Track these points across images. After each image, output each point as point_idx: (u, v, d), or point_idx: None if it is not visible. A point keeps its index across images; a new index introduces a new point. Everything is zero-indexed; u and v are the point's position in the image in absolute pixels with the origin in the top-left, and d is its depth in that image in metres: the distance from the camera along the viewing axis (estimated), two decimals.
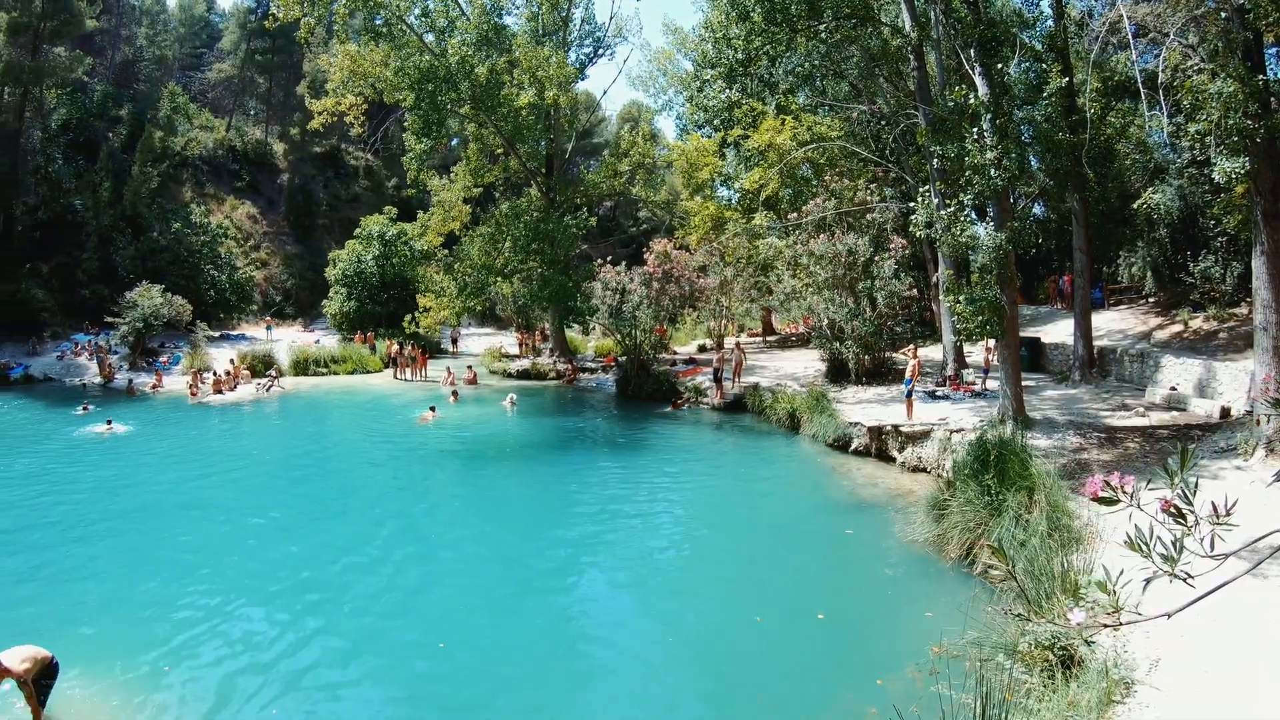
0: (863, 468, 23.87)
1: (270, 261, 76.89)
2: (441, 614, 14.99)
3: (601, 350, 50.83)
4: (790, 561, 17.03)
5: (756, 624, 13.89)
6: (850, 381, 32.59)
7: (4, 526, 20.81)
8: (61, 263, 58.53)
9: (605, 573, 17.04)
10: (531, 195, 49.07)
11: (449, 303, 46.44)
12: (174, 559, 17.95)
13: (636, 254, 50.33)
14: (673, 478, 24.52)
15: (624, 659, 13.18)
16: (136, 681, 12.43)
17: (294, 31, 49.94)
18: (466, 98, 42.12)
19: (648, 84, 54.16)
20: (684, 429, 31.53)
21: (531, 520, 20.93)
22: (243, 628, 14.34)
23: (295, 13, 41.80)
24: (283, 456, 29.55)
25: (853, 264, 32.19)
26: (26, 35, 56.11)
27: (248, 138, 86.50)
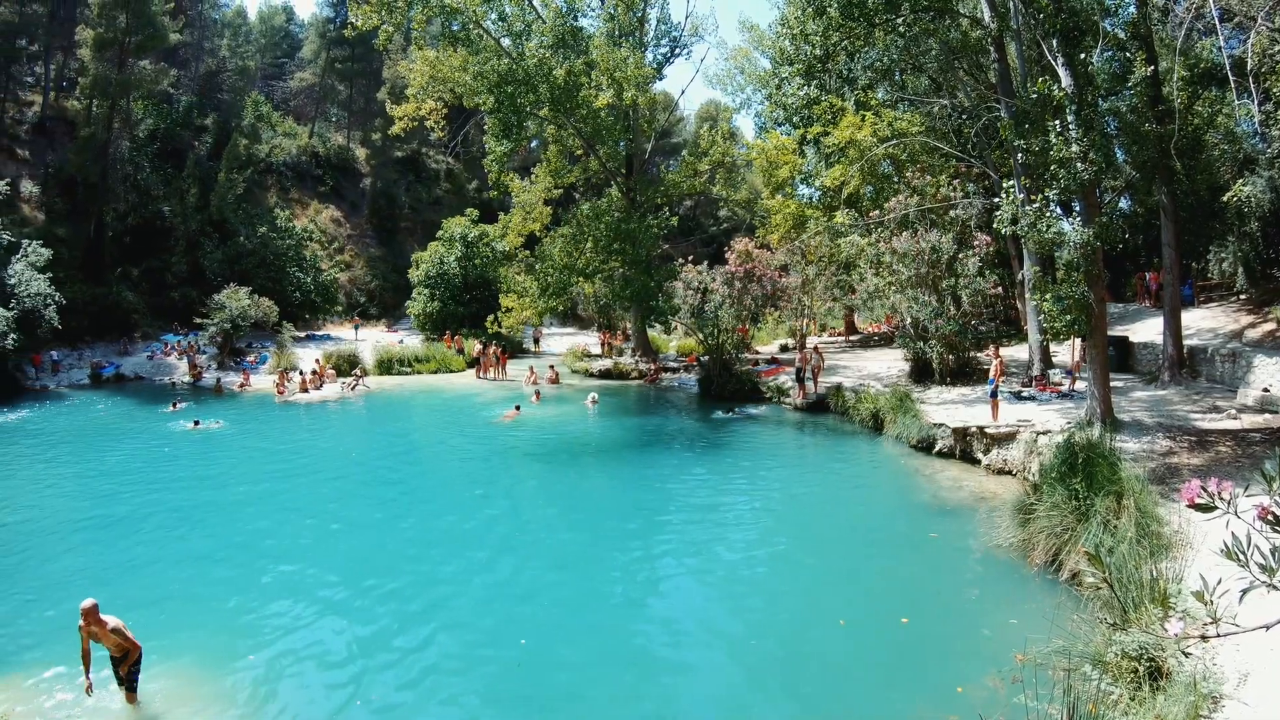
0: (947, 470, 23.52)
1: (354, 264, 78.68)
2: (523, 610, 15.11)
3: (684, 350, 50.75)
4: (874, 564, 16.91)
5: (840, 627, 13.82)
6: (934, 382, 32.03)
7: (110, 516, 21.82)
8: (151, 266, 60.86)
9: (686, 572, 17.01)
10: (612, 195, 49.18)
11: (531, 303, 46.72)
12: (260, 551, 18.72)
13: (717, 253, 50.19)
14: (755, 478, 24.38)
15: (706, 660, 13.17)
16: (220, 668, 12.96)
17: (373, 39, 50.63)
18: (545, 100, 42.37)
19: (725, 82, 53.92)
20: (766, 429, 31.31)
21: (612, 519, 21.05)
22: (325, 620, 14.93)
23: (373, 21, 42.53)
24: (367, 454, 30.28)
25: (936, 262, 31.73)
26: (113, 50, 58.18)
27: (330, 143, 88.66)
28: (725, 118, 64.14)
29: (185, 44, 76.21)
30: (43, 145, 65.77)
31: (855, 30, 30.36)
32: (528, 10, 44.66)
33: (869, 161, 36.79)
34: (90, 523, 21.57)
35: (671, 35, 51.72)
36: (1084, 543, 14.15)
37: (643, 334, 50.64)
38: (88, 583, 16.49)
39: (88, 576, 17.16)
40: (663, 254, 49.79)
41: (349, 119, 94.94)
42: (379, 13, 42.42)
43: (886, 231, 33.98)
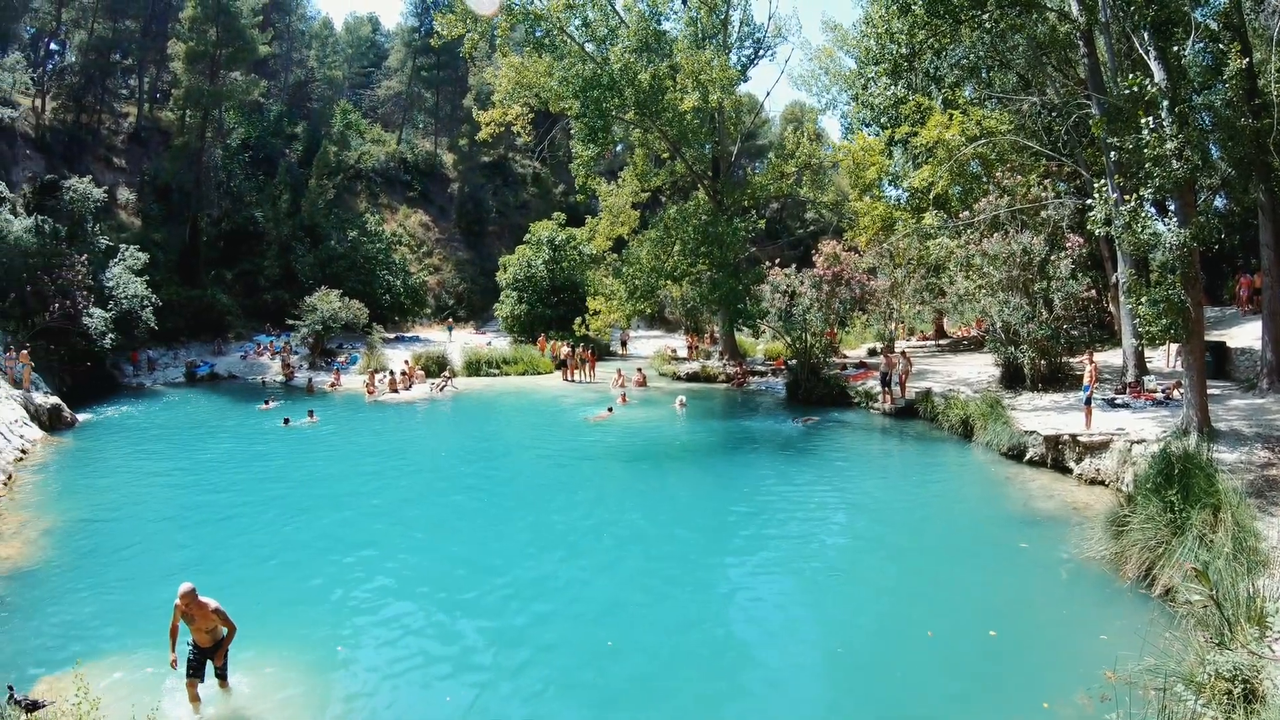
0: (1037, 479, 23.11)
1: (442, 267, 79.89)
2: (609, 611, 15.38)
3: (771, 353, 50.43)
4: (962, 574, 16.79)
5: (927, 638, 13.71)
6: (1025, 388, 31.26)
7: (203, 509, 22.68)
8: (244, 269, 62.74)
9: (772, 577, 16.99)
10: (699, 198, 49.09)
11: (619, 305, 47.03)
12: (350, 547, 19.18)
13: (804, 256, 49.86)
14: (842, 484, 24.26)
15: (789, 666, 13.18)
16: (308, 660, 13.39)
17: (458, 48, 51.03)
18: (631, 103, 42.56)
19: (810, 83, 53.54)
20: (854, 434, 31.19)
21: (699, 523, 21.14)
22: (413, 615, 15.31)
23: (458, 30, 43.21)
24: (456, 454, 30.87)
25: (1027, 264, 31.13)
26: (204, 62, 60.18)
27: (418, 150, 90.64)
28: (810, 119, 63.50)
29: (274, 55, 78.64)
30: (138, 154, 68.46)
31: (941, 27, 29.96)
32: (611, 15, 44.88)
33: (957, 162, 36.28)
34: (185, 515, 22.47)
35: (755, 37, 51.61)
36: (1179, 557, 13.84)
37: (730, 337, 50.50)
38: (181, 572, 16.45)
39: (182, 567, 17.67)
40: (750, 257, 49.56)
41: (436, 125, 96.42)
42: (463, 21, 43.07)
43: (976, 233, 33.49)
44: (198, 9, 59.61)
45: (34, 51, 70.38)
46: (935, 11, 28.66)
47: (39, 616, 15.35)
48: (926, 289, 41.87)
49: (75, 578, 17.31)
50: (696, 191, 50.35)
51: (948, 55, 37.73)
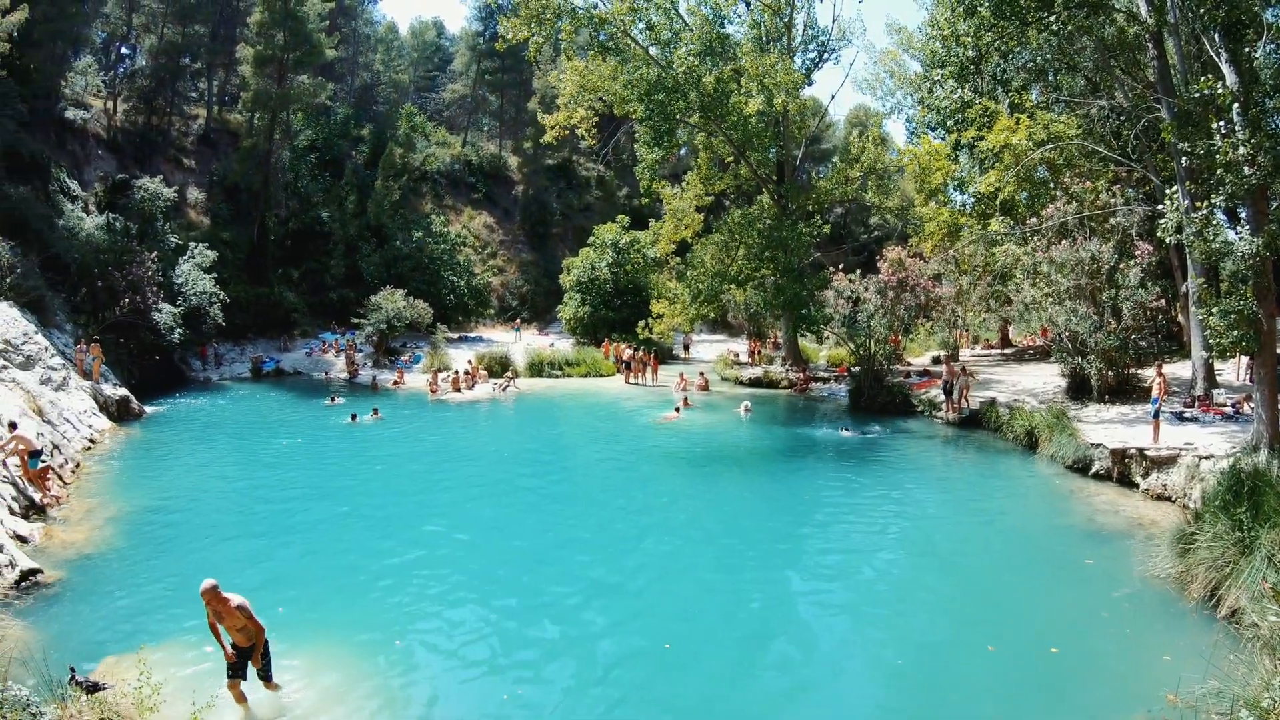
0: (1102, 493, 22.80)
1: (506, 268, 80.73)
2: (666, 614, 15.57)
3: (834, 360, 50.19)
4: (1024, 588, 16.73)
5: (988, 653, 13.68)
6: (1092, 399, 30.70)
7: (268, 502, 23.32)
8: (310, 268, 64.02)
9: (832, 587, 17.06)
10: (763, 202, 48.89)
11: (682, 309, 47.38)
12: (411, 543, 19.64)
13: (868, 262, 49.59)
14: (904, 494, 24.13)
15: (849, 675, 13.26)
16: (367, 654, 13.70)
17: (522, 51, 51.39)
18: (695, 107, 42.73)
19: (874, 87, 53.28)
20: (916, 443, 30.99)
21: (759, 528, 21.10)
22: (471, 612, 15.66)
23: (523, 34, 43.56)
24: (518, 453, 31.29)
25: (1095, 272, 30.65)
26: (272, 66, 61.41)
27: (482, 152, 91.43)
28: (875, 123, 63.03)
29: (341, 59, 79.67)
30: (207, 155, 69.92)
31: (1007, 29, 29.67)
32: (675, 19, 44.92)
33: (1024, 167, 35.79)
34: (248, 507, 23.11)
35: (819, 40, 51.46)
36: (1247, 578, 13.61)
37: (793, 343, 50.26)
38: (243, 563, 17.86)
39: (244, 557, 18.42)
40: (814, 262, 49.30)
41: (500, 128, 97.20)
42: (528, 25, 43.37)
43: (1043, 240, 33.04)
44: (266, 14, 60.96)
45: (105, 56, 72.91)
46: (1002, 13, 28.40)
47: (102, 601, 15.84)
48: (992, 296, 41.29)
49: (139, 565, 17.86)
50: (761, 196, 50.12)
51: (1014, 58, 37.35)
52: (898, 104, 54.69)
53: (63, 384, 32.21)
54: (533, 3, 42.97)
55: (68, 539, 19.43)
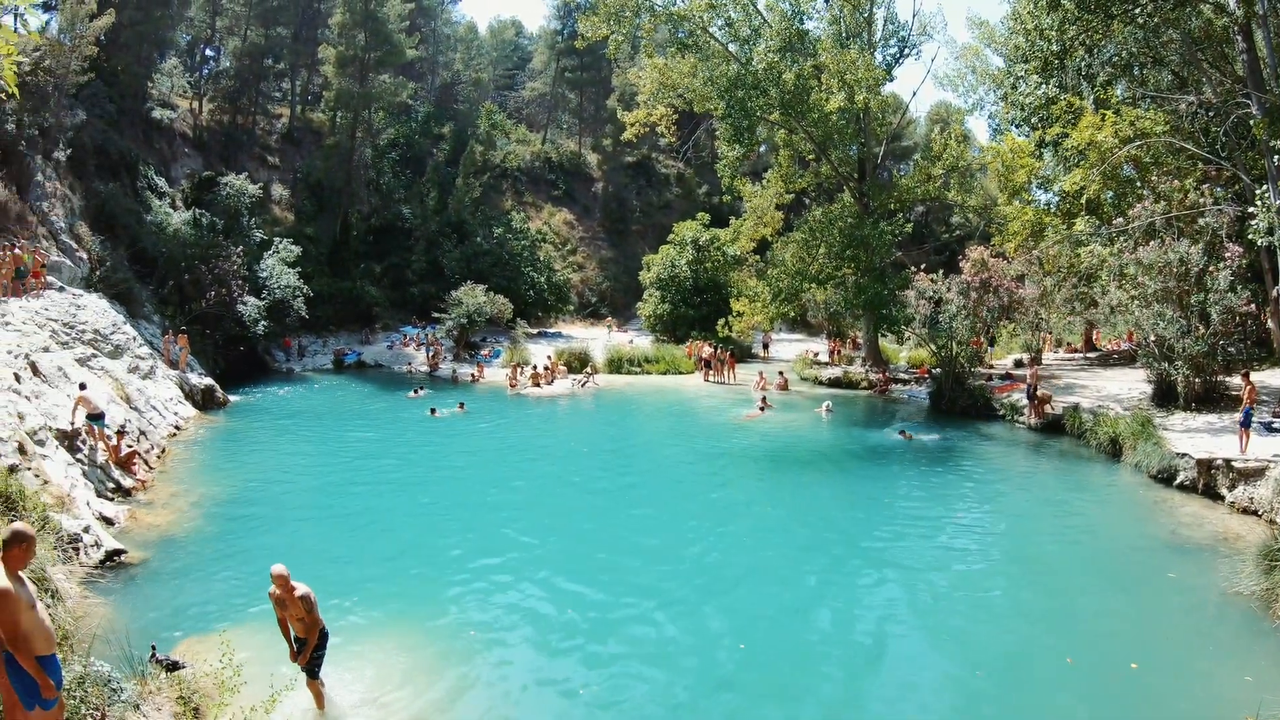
0: (1187, 505, 22.07)
1: (586, 265, 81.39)
2: (742, 614, 15.57)
3: (915, 361, 49.72)
4: (1104, 601, 16.29)
5: (1067, 665, 13.39)
6: (1178, 406, 29.67)
7: (352, 492, 23.91)
8: (392, 263, 65.35)
9: (907, 592, 16.83)
10: (844, 201, 48.67)
11: (763, 308, 47.40)
12: (488, 535, 19.96)
13: (949, 261, 49.06)
14: (983, 500, 23.87)
15: (925, 685, 13.08)
16: (441, 643, 14.03)
17: (601, 49, 51.61)
18: (776, 104, 42.75)
19: (956, 83, 52.31)
20: (996, 449, 30.43)
21: (835, 531, 21.02)
22: (545, 607, 15.75)
23: (602, 31, 43.97)
24: (597, 449, 31.60)
25: (1183, 275, 29.95)
26: (354, 66, 63.04)
27: (562, 149, 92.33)
28: (957, 120, 62.30)
29: (421, 59, 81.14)
30: (291, 153, 72.28)
31: (1092, 23, 29.30)
32: (753, 15, 44.97)
33: (1110, 165, 35.16)
34: (329, 496, 23.82)
35: (899, 35, 50.77)
36: None
37: (874, 343, 49.82)
38: (322, 551, 18.49)
39: (323, 545, 19.01)
40: (895, 261, 48.86)
41: (580, 126, 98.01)
42: (607, 23, 43.67)
43: (1130, 241, 32.44)
44: (347, 15, 62.70)
45: (190, 57, 75.83)
46: (1086, 6, 28.08)
47: (183, 582, 16.45)
48: (1077, 299, 40.53)
49: (220, 549, 18.47)
50: (842, 194, 49.92)
51: (1099, 52, 36.75)
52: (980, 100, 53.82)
53: (150, 373, 33.44)
54: (612, 0, 43.26)
55: (152, 522, 20.19)
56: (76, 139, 42.02)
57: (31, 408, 21.25)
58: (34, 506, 16.00)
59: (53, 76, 38.50)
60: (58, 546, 15.82)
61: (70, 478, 19.92)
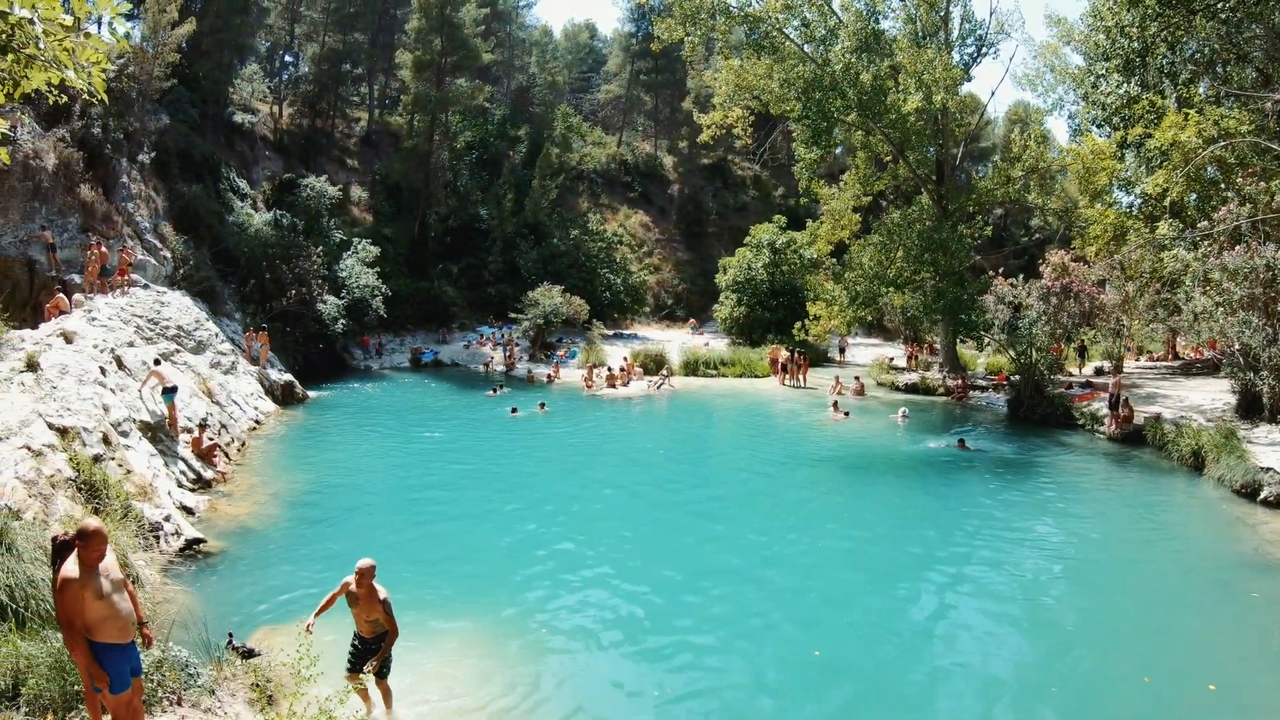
0: (1272, 521, 21.31)
1: (662, 267, 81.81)
2: (815, 620, 15.55)
3: (993, 368, 49.10)
4: (1183, 619, 15.90)
5: (1143, 684, 13.10)
6: (1264, 418, 28.71)
7: (433, 489, 24.46)
8: (469, 264, 66.61)
9: (979, 602, 16.58)
10: (922, 203, 48.41)
11: (840, 311, 47.09)
12: (565, 535, 20.18)
13: (1029, 265, 48.47)
14: (1060, 511, 23.24)
15: (1000, 700, 12.81)
16: (514, 640, 14.28)
17: (676, 51, 51.75)
18: (853, 105, 42.65)
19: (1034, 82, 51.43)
20: (1074, 459, 29.61)
21: (907, 540, 20.76)
22: (617, 607, 15.93)
23: (678, 34, 44.21)
24: (672, 450, 31.73)
25: (1270, 281, 29.18)
26: (431, 70, 64.33)
27: (638, 152, 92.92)
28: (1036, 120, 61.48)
29: (497, 62, 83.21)
30: (370, 156, 73.96)
31: (1173, 19, 28.77)
32: (829, 15, 44.79)
33: (1193, 166, 34.40)
34: (407, 492, 24.42)
35: (976, 34, 50.12)
36: None
37: (951, 349, 49.34)
38: (397, 546, 18.82)
39: (399, 540, 19.43)
40: (973, 265, 48.25)
41: (655, 128, 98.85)
42: (682, 25, 43.80)
43: (1215, 245, 31.68)
44: (423, 21, 63.92)
45: (270, 63, 78.76)
46: (1167, 1, 27.46)
47: (260, 572, 16.97)
48: (1159, 305, 39.64)
49: (297, 540, 19.05)
50: (920, 196, 49.61)
51: (1181, 49, 36.06)
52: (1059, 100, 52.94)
53: (231, 368, 34.53)
54: (686, 3, 43.62)
55: (231, 512, 20.88)
56: (160, 142, 43.48)
57: (116, 400, 22.01)
58: (117, 495, 16.74)
59: (136, 82, 40.08)
60: (139, 534, 16.46)
61: (153, 468, 20.70)
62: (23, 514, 13.56)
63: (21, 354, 20.50)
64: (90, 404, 20.06)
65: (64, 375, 20.68)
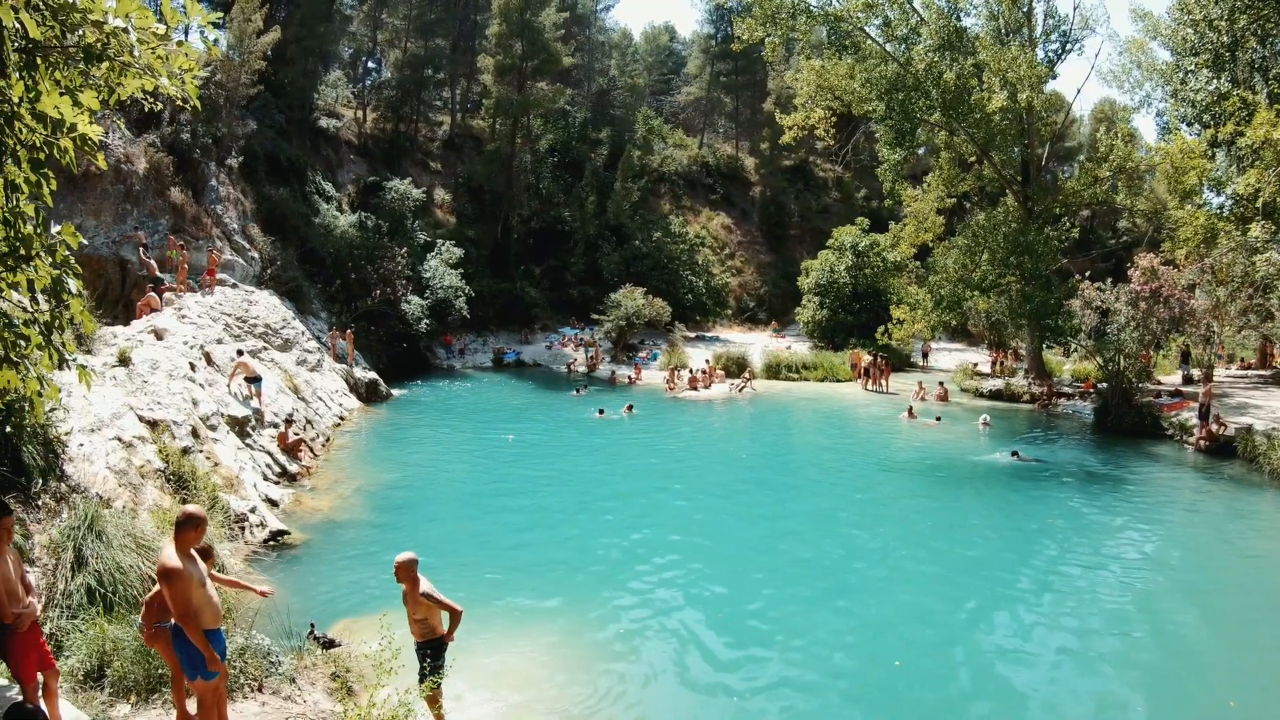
0: None
1: (744, 269, 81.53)
2: (894, 630, 15.59)
3: (1079, 375, 48.09)
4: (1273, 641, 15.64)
5: (1230, 709, 12.86)
6: None
7: (510, 483, 25.53)
8: (551, 266, 67.83)
9: (1061, 621, 16.13)
10: (1008, 205, 47.82)
11: (924, 315, 46.58)
12: (641, 537, 20.60)
13: (1115, 269, 47.58)
14: (1145, 526, 22.83)
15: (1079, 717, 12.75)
16: (587, 640, 14.70)
17: (756, 53, 51.73)
18: (936, 105, 42.57)
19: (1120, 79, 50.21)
20: (1161, 472, 29.21)
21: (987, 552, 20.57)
22: (694, 612, 16.09)
23: (758, 34, 44.46)
24: (754, 454, 32.28)
25: None
26: (512, 75, 65.64)
27: (719, 154, 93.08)
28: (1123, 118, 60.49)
29: (577, 66, 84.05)
30: (452, 159, 75.35)
31: (1263, 11, 28.08)
32: (910, 14, 44.63)
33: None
34: (491, 489, 25.07)
35: (1060, 30, 49.19)
36: None
37: (1037, 355, 48.52)
38: (471, 541, 19.79)
39: (474, 536, 20.35)
40: (1060, 269, 47.36)
41: (736, 130, 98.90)
42: (763, 26, 43.69)
43: None
44: (504, 26, 65.02)
45: (353, 69, 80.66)
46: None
47: (341, 565, 17.81)
48: (1252, 310, 38.57)
49: (378, 534, 19.82)
50: (1005, 197, 49.02)
51: (1273, 42, 35.17)
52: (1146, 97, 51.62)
53: (317, 365, 36.01)
54: (767, 3, 43.78)
55: (314, 506, 21.85)
56: (248, 147, 45.45)
57: (205, 395, 23.20)
58: (205, 486, 17.57)
59: (224, 90, 41.72)
60: (225, 525, 17.25)
61: (239, 461, 21.74)
62: (113, 503, 14.26)
63: (114, 350, 21.44)
64: (180, 398, 21.07)
65: (155, 370, 21.70)
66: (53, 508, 12.89)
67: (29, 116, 6.36)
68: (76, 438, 15.21)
